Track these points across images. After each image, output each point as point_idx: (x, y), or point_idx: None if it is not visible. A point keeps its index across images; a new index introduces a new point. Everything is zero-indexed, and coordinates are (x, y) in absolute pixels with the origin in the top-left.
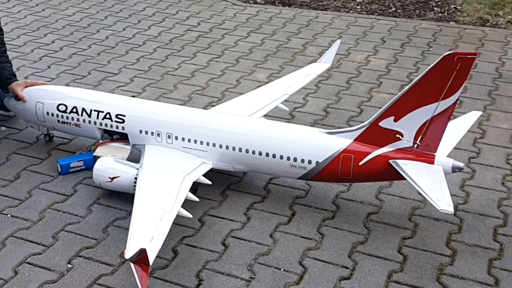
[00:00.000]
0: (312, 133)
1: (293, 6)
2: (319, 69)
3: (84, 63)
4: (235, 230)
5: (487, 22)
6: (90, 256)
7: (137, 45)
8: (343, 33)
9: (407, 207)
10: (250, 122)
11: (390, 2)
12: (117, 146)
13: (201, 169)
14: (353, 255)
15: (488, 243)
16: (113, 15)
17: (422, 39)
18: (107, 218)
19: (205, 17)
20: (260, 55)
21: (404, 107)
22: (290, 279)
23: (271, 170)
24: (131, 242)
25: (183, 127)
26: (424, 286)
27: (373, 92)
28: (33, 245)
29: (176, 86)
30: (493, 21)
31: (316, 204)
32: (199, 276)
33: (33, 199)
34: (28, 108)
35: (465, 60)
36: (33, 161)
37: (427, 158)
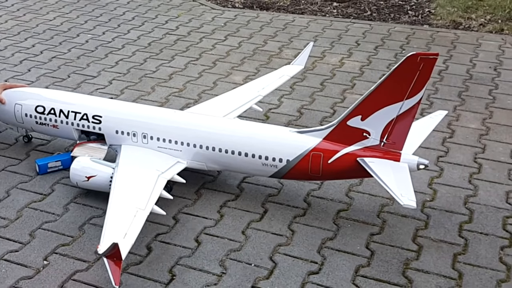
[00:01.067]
0: (283, 132)
1: (271, 10)
2: (293, 71)
3: (63, 66)
4: (208, 227)
5: (460, 25)
6: (66, 253)
7: (116, 48)
8: (318, 36)
9: (376, 204)
10: (223, 122)
11: (366, 6)
12: (94, 146)
13: (175, 168)
14: (322, 250)
15: (453, 238)
16: (93, 20)
17: (395, 41)
18: (83, 216)
19: (184, 21)
20: (237, 57)
21: (370, 106)
22: (260, 273)
23: (243, 168)
24: (104, 238)
25: (158, 127)
26: (389, 279)
27: (346, 94)
28: (10, 243)
29: (154, 88)
30: (466, 24)
31: (288, 202)
32: (172, 271)
33: (11, 198)
34: (7, 110)
35: (428, 61)
36: (11, 162)
37: (394, 155)
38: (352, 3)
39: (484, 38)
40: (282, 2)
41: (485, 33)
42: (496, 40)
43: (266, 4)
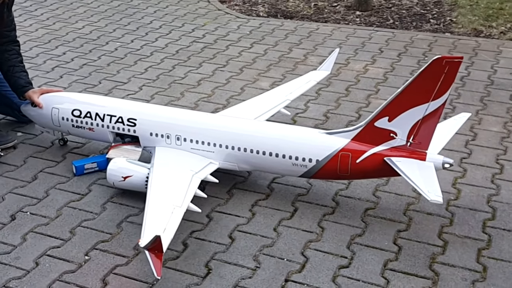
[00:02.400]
0: (312, 133)
1: (295, 18)
2: (319, 76)
3: (94, 73)
4: (241, 225)
5: (481, 33)
6: (105, 249)
7: (145, 56)
8: (342, 43)
9: (402, 203)
10: (254, 124)
11: (388, 14)
12: (129, 148)
13: (208, 168)
14: (351, 246)
15: (477, 234)
16: (121, 28)
17: (418, 49)
18: (120, 214)
19: (210, 30)
20: (263, 64)
21: (397, 108)
22: (292, 267)
23: (274, 168)
24: (145, 232)
25: (191, 129)
26: (417, 273)
27: (370, 99)
28: (52, 239)
29: (183, 94)
30: (487, 32)
31: (317, 201)
32: (208, 265)
33: (50, 198)
34: (44, 114)
35: (453, 64)
36: (49, 164)
37: (419, 155)
38: (374, 12)
39: (504, 45)
40: (306, 11)
41: (505, 41)
42: None
43: (290, 13)
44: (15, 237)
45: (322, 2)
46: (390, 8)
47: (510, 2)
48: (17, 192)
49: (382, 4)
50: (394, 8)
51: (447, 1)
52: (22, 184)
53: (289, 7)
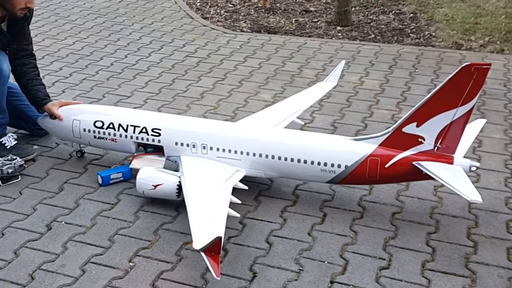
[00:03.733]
0: (339, 140)
1: (279, 34)
2: (327, 87)
3: (96, 87)
4: (275, 230)
5: (462, 46)
6: (148, 255)
7: (142, 70)
8: (333, 57)
9: (426, 207)
10: (280, 132)
11: (369, 29)
12: (152, 158)
13: (237, 176)
14: (387, 248)
15: (503, 235)
16: (112, 44)
17: (407, 61)
18: (154, 222)
19: (200, 44)
20: (260, 77)
21: (426, 114)
22: (335, 270)
23: (301, 175)
24: (196, 236)
25: (217, 138)
26: (455, 272)
27: (373, 109)
28: (92, 247)
29: (189, 106)
30: (467, 45)
31: (343, 206)
32: (252, 269)
33: (82, 208)
34: (65, 126)
35: (481, 70)
36: (72, 175)
37: (447, 159)
38: (354, 27)
39: (488, 58)
40: (288, 26)
41: (488, 53)
42: (499, 60)
43: (273, 29)
44: (55, 245)
45: (302, 18)
46: (369, 23)
47: (485, 17)
48: (47, 203)
49: (361, 19)
50: (373, 23)
51: (423, 17)
52: (50, 195)
53: (270, 23)
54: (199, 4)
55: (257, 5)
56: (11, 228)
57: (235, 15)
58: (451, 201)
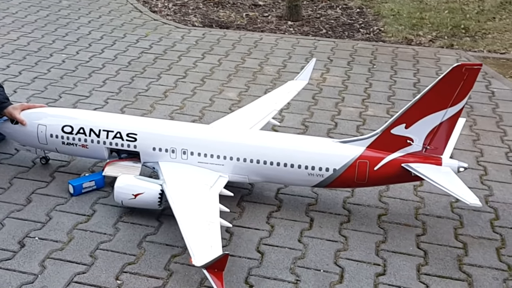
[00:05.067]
0: (326, 142)
1: (231, 29)
2: (298, 86)
3: (50, 86)
4: (264, 238)
5: (412, 41)
6: (135, 271)
7: (97, 67)
8: (291, 53)
9: (410, 207)
10: (265, 135)
11: (319, 24)
12: (127, 164)
13: (220, 182)
14: (379, 253)
15: (489, 234)
16: (60, 39)
17: (363, 57)
18: (136, 234)
19: (155, 40)
20: (222, 75)
21: (415, 115)
22: (332, 278)
23: (287, 179)
24: (194, 251)
25: (199, 142)
26: (451, 275)
27: (339, 107)
28: (73, 265)
29: (154, 107)
30: (417, 40)
31: (329, 210)
32: (248, 282)
33: (55, 221)
34: (29, 131)
35: (472, 71)
36: (39, 185)
37: (436, 160)
38: (305, 21)
39: (440, 53)
40: (239, 21)
41: (439, 48)
42: (451, 55)
43: (224, 23)
44: (32, 265)
45: (253, 13)
46: (319, 18)
47: (429, 12)
48: (15, 217)
49: (311, 14)
50: (322, 18)
51: (370, 12)
52: (17, 207)
53: (221, 17)
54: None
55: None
56: None
57: (184, 9)
58: (432, 200)
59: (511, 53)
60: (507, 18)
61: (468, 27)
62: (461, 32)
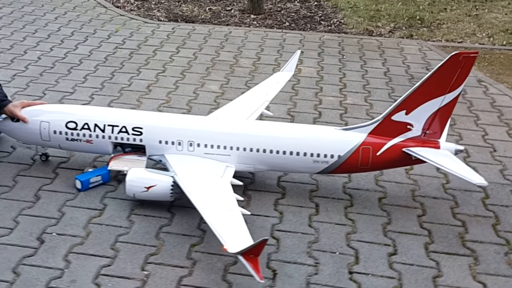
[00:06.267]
0: (329, 130)
1: (196, 23)
2: (285, 77)
3: (32, 84)
4: (276, 225)
5: (372, 32)
6: (160, 262)
7: (74, 64)
8: (262, 45)
9: (406, 190)
10: (270, 125)
11: (281, 17)
12: (132, 158)
13: (228, 172)
14: (387, 234)
15: (483, 212)
16: (30, 36)
17: (332, 48)
18: (152, 226)
19: (126, 35)
20: (200, 68)
21: (415, 101)
22: (349, 260)
23: (293, 167)
24: (227, 239)
25: (205, 134)
26: (457, 252)
27: (319, 96)
28: (97, 258)
29: (140, 101)
30: (377, 31)
31: (331, 195)
32: (270, 267)
33: (68, 216)
34: (30, 128)
35: (469, 58)
36: (44, 181)
37: (434, 144)
38: (267, 15)
39: (402, 43)
40: (203, 15)
41: (400, 39)
42: (413, 44)
43: (188, 18)
44: (56, 260)
45: (215, 7)
46: (280, 11)
47: (384, 4)
48: (28, 214)
49: (271, 8)
50: (283, 11)
51: (328, 4)
52: (28, 204)
53: (184, 11)
54: None
55: None
56: None
57: (147, 4)
58: (425, 183)
59: (467, 42)
60: (458, 9)
61: (423, 18)
62: (417, 23)
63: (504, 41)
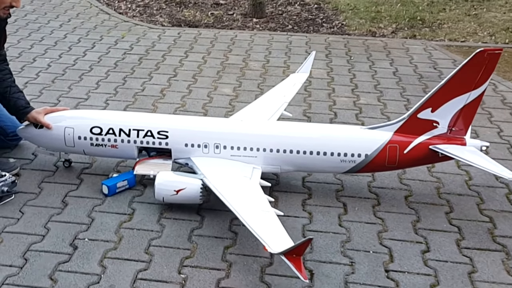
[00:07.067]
0: (355, 129)
1: (199, 27)
2: (301, 78)
3: (45, 91)
4: (306, 225)
5: (375, 33)
6: (195, 265)
7: (85, 70)
8: (269, 48)
9: (431, 188)
10: (295, 126)
11: (283, 20)
12: (157, 162)
13: (256, 173)
14: (418, 231)
15: (510, 208)
16: (37, 44)
17: (338, 50)
18: (183, 229)
19: (133, 41)
20: (211, 72)
21: (440, 99)
22: (383, 258)
23: (320, 167)
24: (267, 239)
25: (231, 136)
26: (488, 247)
27: (333, 97)
28: (133, 263)
29: (156, 106)
30: (380, 32)
31: (357, 195)
32: (307, 267)
33: (98, 221)
34: (55, 134)
35: (494, 55)
36: (70, 187)
37: (460, 141)
38: (270, 18)
39: (407, 43)
40: (206, 20)
41: (404, 39)
42: (417, 44)
43: (192, 23)
44: (91, 265)
45: (217, 11)
46: (282, 14)
47: (382, 5)
48: (58, 220)
49: (273, 11)
50: (285, 14)
51: (328, 7)
52: (56, 211)
53: (187, 16)
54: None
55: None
56: (32, 252)
57: (149, 10)
58: (448, 180)
59: (470, 41)
60: (456, 9)
61: (424, 18)
62: (419, 23)
63: (506, 39)
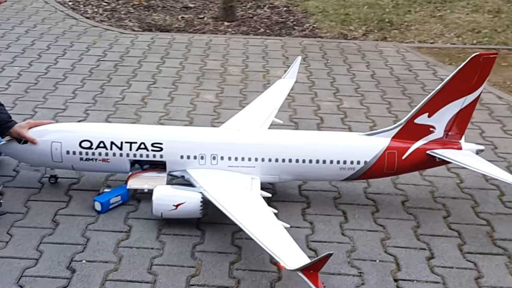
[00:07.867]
0: (353, 136)
1: (171, 32)
2: (288, 84)
3: (19, 102)
4: (309, 235)
5: (347, 36)
6: (202, 283)
7: (59, 78)
8: (246, 52)
9: (425, 192)
10: (292, 134)
11: (255, 23)
12: (151, 175)
13: (255, 184)
14: (420, 237)
15: (504, 210)
16: (4, 51)
17: (315, 53)
18: (185, 246)
19: (105, 47)
20: (191, 78)
21: (437, 104)
22: (390, 267)
23: (319, 175)
24: (282, 256)
25: (228, 146)
26: (490, 251)
27: (316, 101)
28: (137, 284)
29: (138, 115)
30: (351, 35)
31: (355, 202)
32: None
33: (94, 241)
34: (40, 149)
35: (489, 59)
36: (58, 205)
37: (456, 145)
38: (241, 22)
39: (379, 46)
40: (176, 24)
41: (375, 41)
42: (390, 46)
43: (163, 27)
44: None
45: (187, 15)
46: (252, 18)
47: (350, 8)
48: (50, 241)
49: (243, 15)
50: (255, 18)
51: (297, 10)
52: (48, 231)
53: (156, 20)
54: (71, 4)
55: (133, 2)
56: (26, 278)
57: (117, 14)
58: (441, 183)
59: (439, 42)
60: (421, 11)
61: (392, 20)
62: (387, 25)
63: (473, 40)
